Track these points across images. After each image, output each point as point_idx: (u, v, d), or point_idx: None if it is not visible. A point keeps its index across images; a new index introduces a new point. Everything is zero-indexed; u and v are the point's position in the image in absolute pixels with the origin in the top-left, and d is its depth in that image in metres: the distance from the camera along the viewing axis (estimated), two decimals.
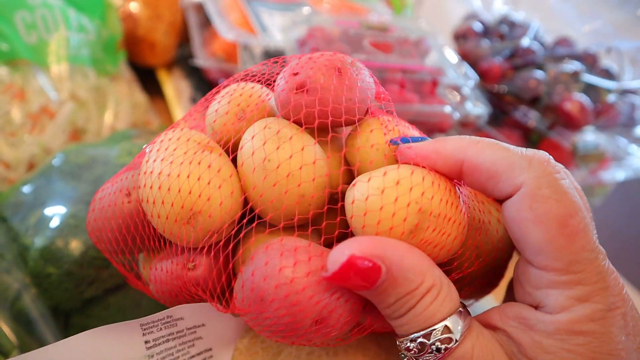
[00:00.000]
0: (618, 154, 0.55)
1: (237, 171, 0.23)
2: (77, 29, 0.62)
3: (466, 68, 0.50)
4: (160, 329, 0.25)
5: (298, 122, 0.23)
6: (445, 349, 0.19)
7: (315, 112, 0.22)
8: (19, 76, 0.56)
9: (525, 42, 0.57)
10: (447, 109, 0.47)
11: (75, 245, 0.39)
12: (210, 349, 0.27)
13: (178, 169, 0.22)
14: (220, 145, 0.24)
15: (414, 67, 0.47)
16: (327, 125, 0.23)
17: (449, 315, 0.20)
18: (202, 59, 0.64)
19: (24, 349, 0.36)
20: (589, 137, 0.50)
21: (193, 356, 0.27)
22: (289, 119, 0.23)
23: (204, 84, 0.74)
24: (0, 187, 0.53)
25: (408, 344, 0.20)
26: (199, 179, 0.21)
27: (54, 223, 0.41)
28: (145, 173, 0.23)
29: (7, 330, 0.35)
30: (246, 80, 0.27)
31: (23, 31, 0.57)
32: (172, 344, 0.26)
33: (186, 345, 0.26)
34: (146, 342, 0.25)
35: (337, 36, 0.52)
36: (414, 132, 0.26)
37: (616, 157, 0.55)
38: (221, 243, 0.23)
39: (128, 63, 0.76)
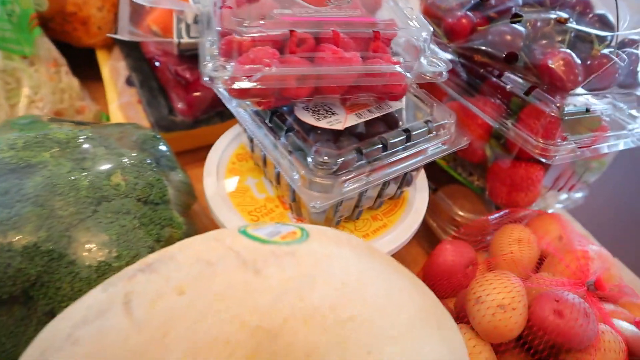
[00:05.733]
0: (617, 120, 0.45)
1: None
2: None
3: (420, 19, 0.40)
4: None
5: None
6: None
7: None
8: None
9: None
10: (397, 68, 0.37)
11: None
12: None
13: None
14: None
15: (351, 19, 0.38)
16: None
17: None
18: (126, 33, 0.55)
19: None
20: (579, 100, 0.41)
21: None
22: None
23: (143, 63, 0.65)
24: None
25: None
26: None
27: None
28: None
29: None
30: None
31: None
32: None
33: None
34: None
35: None
36: None
37: (615, 124, 0.45)
38: None
39: (61, 44, 0.68)
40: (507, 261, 0.43)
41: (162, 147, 0.47)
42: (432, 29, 0.39)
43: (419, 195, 0.48)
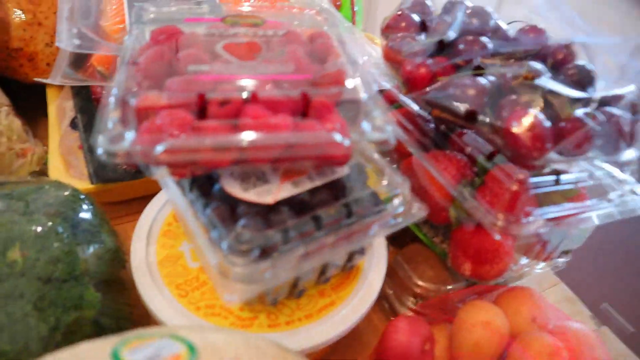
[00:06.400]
0: (601, 186, 0.40)
1: None
2: None
3: (365, 73, 0.35)
4: None
5: None
6: None
7: None
8: None
9: (454, 30, 0.41)
10: (334, 136, 0.32)
11: None
12: None
13: None
14: None
15: (280, 77, 0.33)
16: None
17: None
18: (58, 77, 0.50)
19: None
20: (551, 166, 0.35)
21: None
22: None
23: (90, 104, 0.60)
24: None
25: None
26: None
27: None
28: None
29: None
30: None
31: None
32: None
33: None
34: None
35: (197, 38, 0.37)
36: None
37: (598, 190, 0.40)
38: None
39: (9, 79, 0.64)
40: (470, 348, 0.38)
41: (85, 209, 0.42)
42: (376, 88, 0.33)
43: (376, 264, 0.43)
